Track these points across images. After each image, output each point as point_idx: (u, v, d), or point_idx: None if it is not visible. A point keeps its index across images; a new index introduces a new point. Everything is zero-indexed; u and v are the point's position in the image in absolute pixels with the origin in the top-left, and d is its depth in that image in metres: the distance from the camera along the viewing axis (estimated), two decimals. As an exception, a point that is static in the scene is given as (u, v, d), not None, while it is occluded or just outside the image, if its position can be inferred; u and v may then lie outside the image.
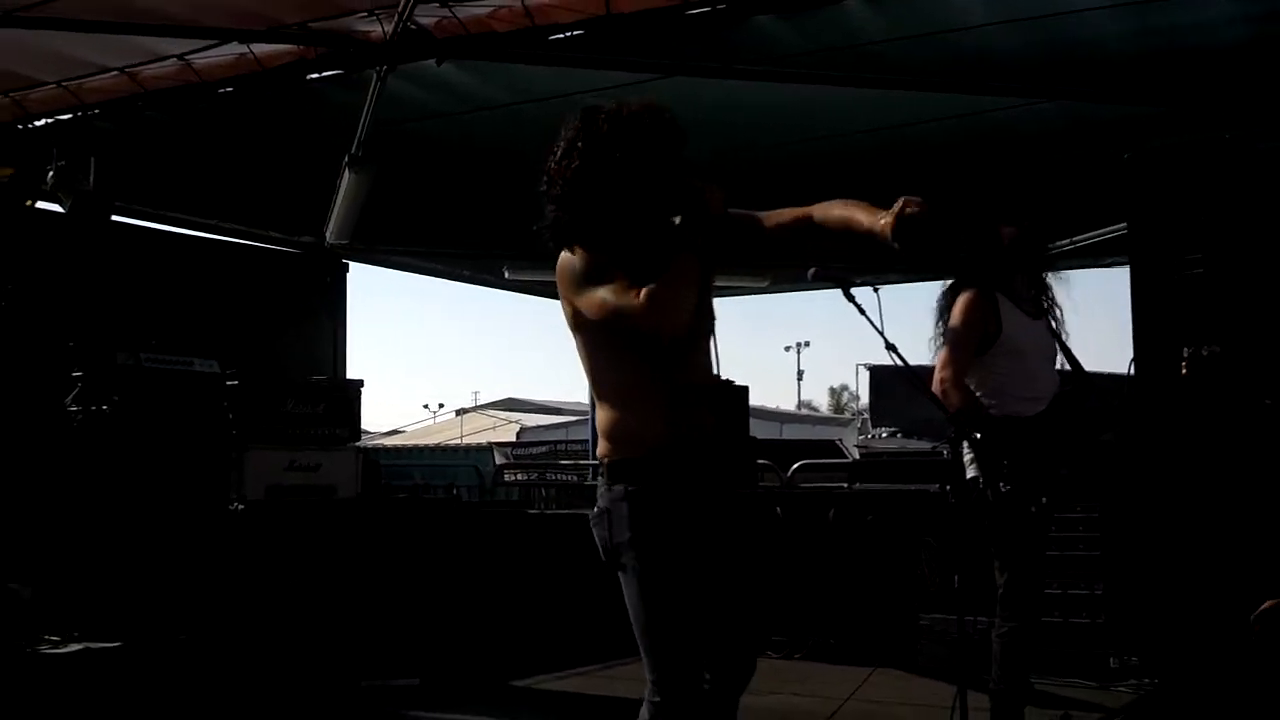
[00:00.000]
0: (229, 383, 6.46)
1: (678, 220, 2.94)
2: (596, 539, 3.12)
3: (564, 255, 3.05)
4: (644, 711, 3.03)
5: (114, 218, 7.17)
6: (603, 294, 2.94)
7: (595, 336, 3.06)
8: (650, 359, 3.00)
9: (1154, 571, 5.79)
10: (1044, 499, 4.28)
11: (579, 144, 3.02)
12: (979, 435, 4.27)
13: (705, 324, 3.18)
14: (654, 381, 3.04)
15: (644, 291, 2.86)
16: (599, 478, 3.15)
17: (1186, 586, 5.54)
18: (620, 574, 3.07)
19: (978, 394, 4.46)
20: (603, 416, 3.12)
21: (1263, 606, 3.15)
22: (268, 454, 6.38)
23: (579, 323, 3.07)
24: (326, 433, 6.69)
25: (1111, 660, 6.09)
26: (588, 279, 2.98)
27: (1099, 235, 8.83)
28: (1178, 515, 5.64)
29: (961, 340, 4.47)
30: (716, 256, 3.18)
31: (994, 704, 4.34)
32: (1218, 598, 5.27)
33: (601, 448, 3.12)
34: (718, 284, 3.38)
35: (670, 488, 3.01)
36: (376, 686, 6.09)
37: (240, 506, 6.16)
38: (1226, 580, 5.29)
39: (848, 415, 44.05)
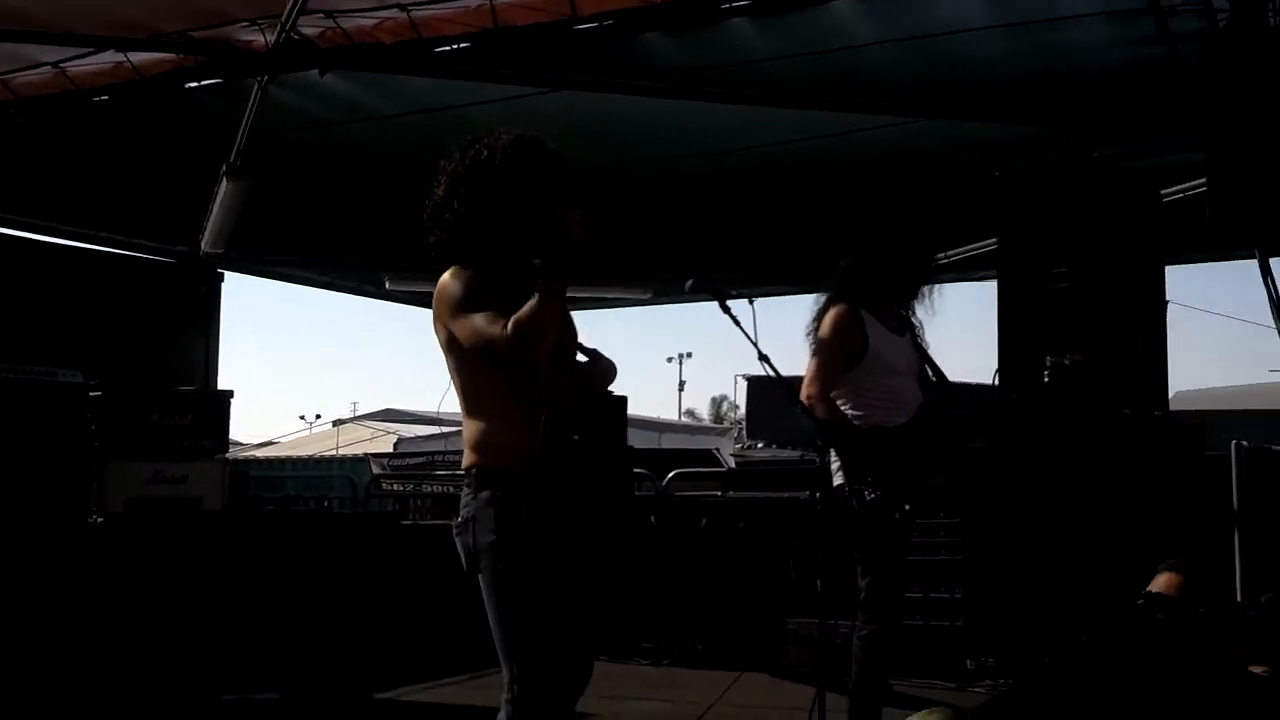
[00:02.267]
0: (92, 394, 6.34)
1: (538, 262, 3.10)
2: (460, 547, 3.26)
3: (443, 279, 3.23)
4: (503, 712, 3.15)
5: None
6: (475, 322, 3.13)
7: (466, 357, 3.23)
8: (517, 379, 3.18)
9: (1011, 576, 5.99)
10: (907, 507, 4.44)
11: (460, 173, 3.25)
12: (844, 445, 4.42)
13: (568, 344, 3.39)
14: (521, 399, 3.20)
15: (510, 322, 3.04)
16: (464, 488, 3.29)
17: (1042, 590, 5.74)
18: (481, 577, 3.20)
19: (845, 406, 4.62)
20: (471, 428, 3.28)
21: (1156, 586, 3.31)
22: (130, 466, 6.26)
23: (452, 344, 3.24)
24: (193, 444, 6.57)
25: (969, 662, 6.28)
26: (464, 305, 3.16)
27: (970, 250, 9.09)
28: (1035, 521, 5.83)
29: (828, 355, 4.62)
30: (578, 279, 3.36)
31: (852, 705, 4.46)
32: (1072, 601, 5.48)
33: (468, 458, 3.27)
34: (602, 295, 3.69)
35: (534, 496, 3.14)
36: (237, 700, 6.01)
37: (100, 519, 6.04)
38: (1081, 584, 5.50)
39: (727, 425, 44.43)
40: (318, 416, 43.04)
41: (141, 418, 6.41)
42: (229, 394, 7.13)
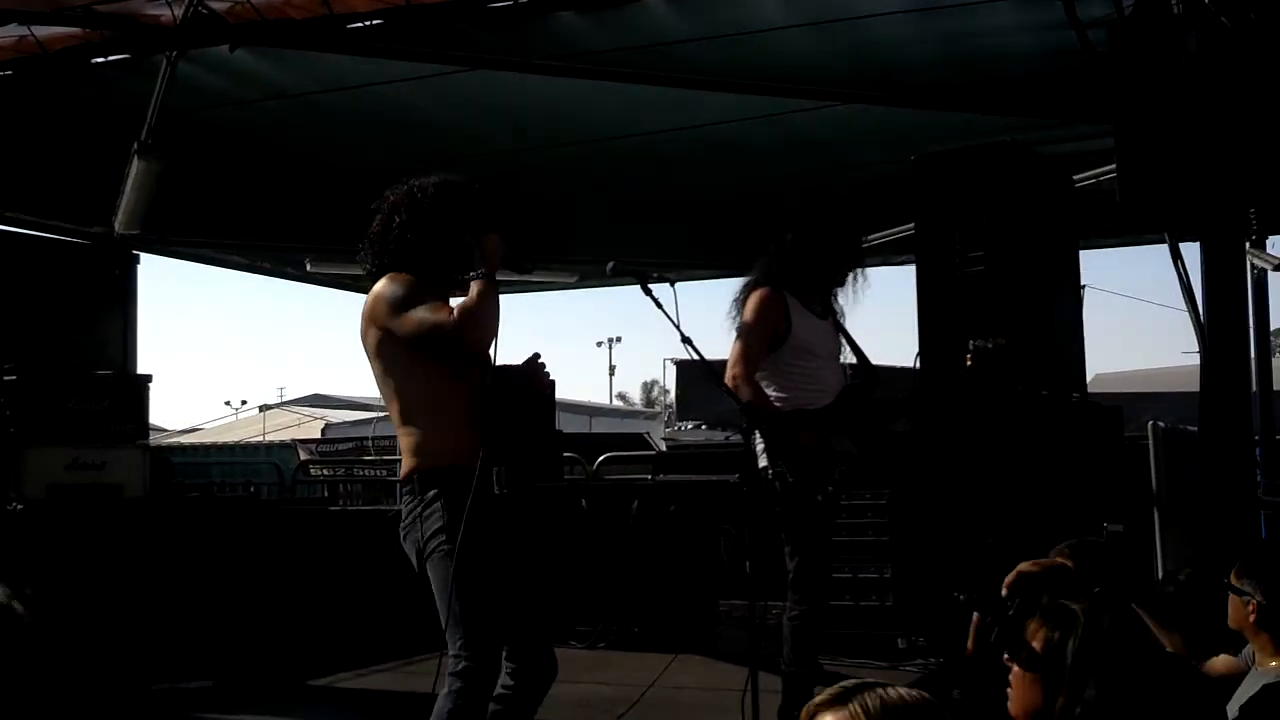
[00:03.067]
0: (6, 378, 6.17)
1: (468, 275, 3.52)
2: (408, 548, 3.50)
3: (378, 287, 3.56)
4: (451, 682, 3.36)
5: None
6: (420, 313, 3.43)
7: (404, 357, 3.50)
8: (456, 375, 3.47)
9: (939, 554, 6.04)
10: (830, 487, 4.44)
11: (397, 205, 3.66)
12: (767, 428, 4.42)
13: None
14: (459, 396, 3.47)
15: (455, 309, 3.41)
16: (406, 494, 3.54)
17: (969, 568, 5.78)
18: (429, 565, 3.44)
19: (768, 388, 4.61)
20: (410, 435, 3.52)
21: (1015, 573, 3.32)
22: (48, 451, 6.13)
23: (387, 348, 3.52)
24: (112, 429, 6.46)
25: (900, 641, 6.33)
26: (405, 302, 3.45)
27: (889, 235, 9.15)
28: (959, 502, 5.89)
29: (752, 337, 4.62)
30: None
31: (785, 685, 4.48)
32: (997, 580, 5.52)
33: (409, 463, 3.52)
34: (526, 279, 4.11)
35: (478, 488, 3.37)
36: (167, 690, 5.91)
37: (19, 506, 5.89)
38: (1006, 562, 5.55)
39: (657, 408, 44.55)
40: (243, 402, 42.61)
41: (58, 403, 6.31)
42: (147, 378, 7.00)
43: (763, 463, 4.52)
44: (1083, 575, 3.29)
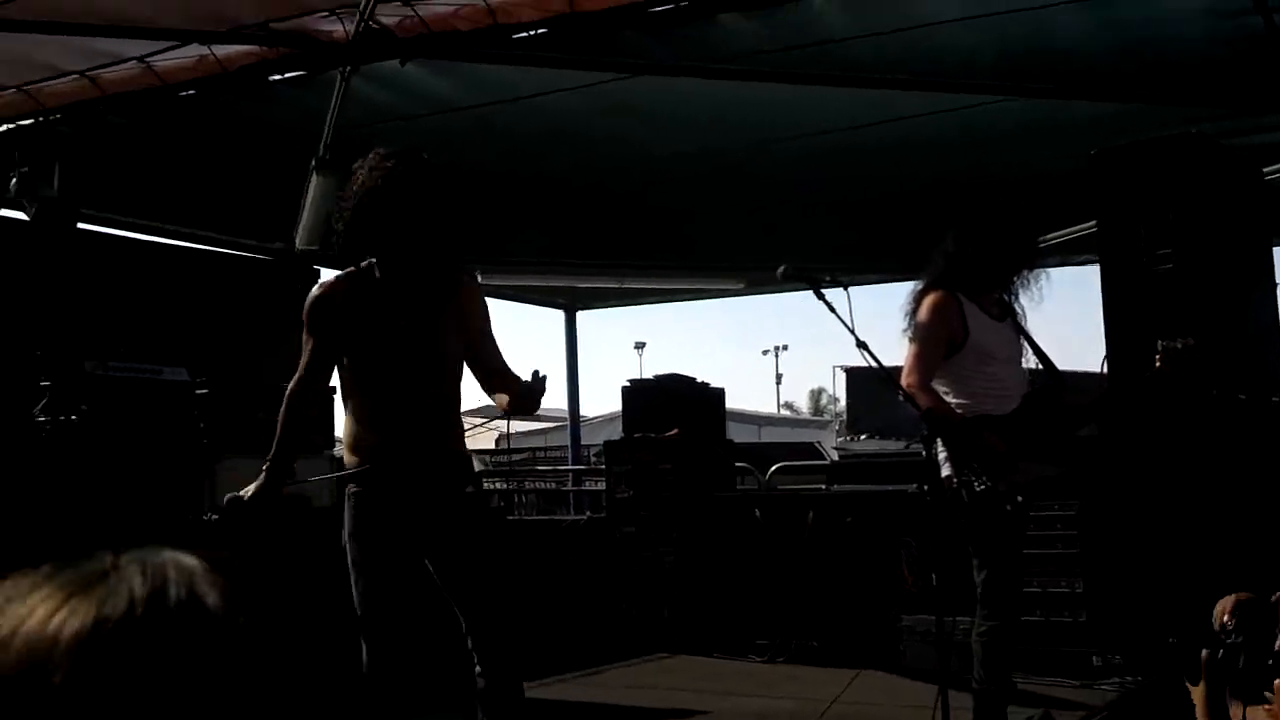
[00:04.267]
0: (199, 391, 6.37)
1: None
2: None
3: (324, 285, 3.91)
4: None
5: (80, 225, 7.06)
6: (305, 355, 3.94)
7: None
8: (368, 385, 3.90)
9: (1134, 568, 5.76)
10: (1019, 497, 4.24)
11: (363, 186, 3.76)
12: (950, 435, 4.25)
13: (431, 361, 3.88)
14: (371, 401, 3.89)
15: (292, 389, 3.99)
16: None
17: (1167, 582, 5.50)
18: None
19: (948, 395, 4.44)
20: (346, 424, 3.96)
21: (1224, 605, 3.07)
22: (241, 463, 6.28)
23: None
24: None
25: (1094, 658, 6.04)
26: (309, 329, 3.91)
27: (1069, 234, 8.82)
28: (1156, 510, 5.61)
29: (927, 343, 4.47)
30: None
31: (977, 703, 4.30)
32: (1199, 592, 5.22)
33: (347, 457, 3.91)
34: (693, 287, 4.60)
35: (385, 491, 3.74)
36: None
37: (214, 517, 6.06)
38: (1207, 575, 5.25)
39: (826, 417, 44.09)
40: (420, 413, 43.70)
41: (247, 415, 6.44)
42: (332, 390, 7.12)
43: (946, 471, 4.34)
44: None
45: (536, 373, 3.78)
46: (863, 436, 12.25)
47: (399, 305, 3.79)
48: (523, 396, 3.79)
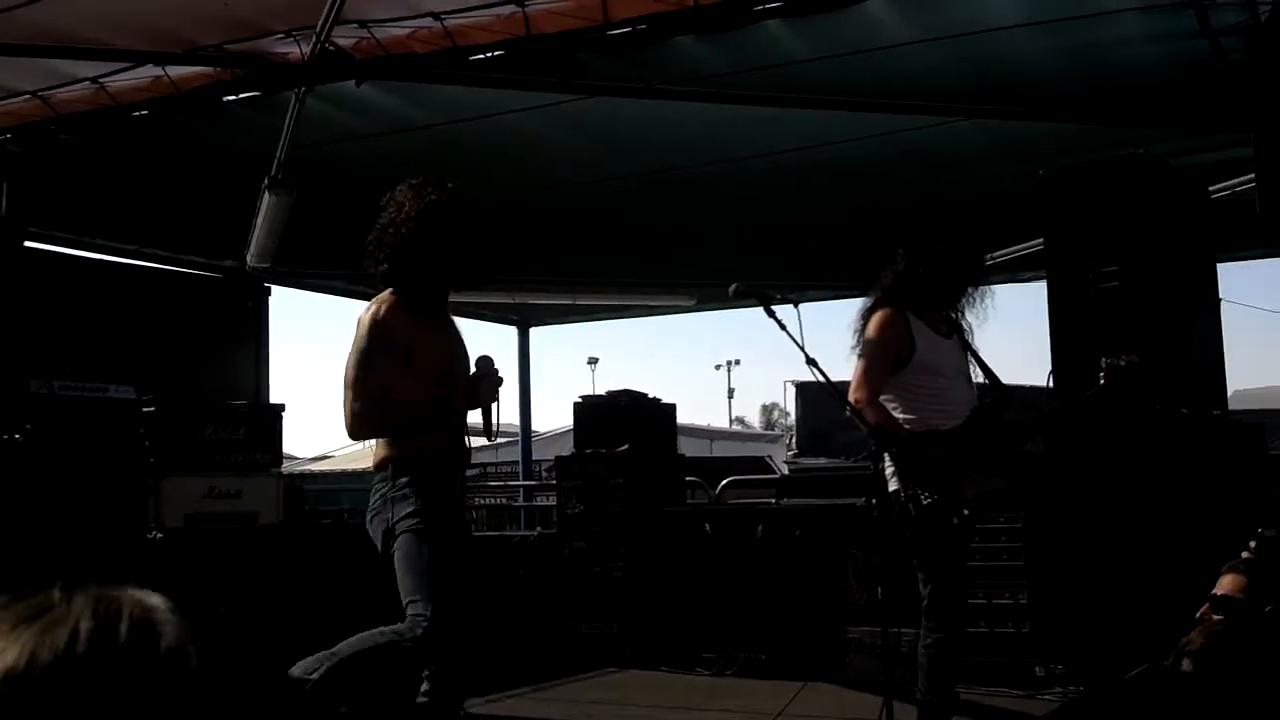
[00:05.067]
0: (145, 409, 6.34)
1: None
2: (376, 531, 4.05)
3: (374, 303, 4.14)
4: (410, 629, 3.86)
5: (27, 243, 7.02)
6: (360, 372, 4.09)
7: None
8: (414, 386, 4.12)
9: (1077, 579, 5.86)
10: (965, 511, 4.33)
11: (411, 214, 4.15)
12: (897, 450, 4.33)
13: (462, 368, 4.34)
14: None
15: (354, 412, 4.07)
16: (379, 481, 4.08)
17: (1109, 594, 5.61)
18: (396, 545, 3.96)
19: (895, 410, 4.52)
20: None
21: (1221, 589, 3.17)
22: (186, 481, 6.27)
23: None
24: (247, 459, 6.59)
25: (1037, 669, 6.13)
26: (366, 353, 4.07)
27: (1016, 251, 8.97)
28: (1099, 523, 5.72)
29: (874, 359, 4.55)
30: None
31: (921, 714, 4.37)
32: (1140, 604, 5.34)
33: (382, 454, 4.09)
34: (645, 303, 5.09)
35: (437, 482, 4.07)
36: (300, 714, 5.99)
37: (159, 535, 6.04)
38: (1148, 586, 5.37)
39: (778, 432, 44.22)
40: (371, 430, 43.24)
41: (194, 433, 6.44)
42: (280, 407, 7.15)
43: (893, 486, 4.43)
44: (1256, 589, 3.14)
45: (482, 357, 4.31)
46: (815, 458, 12.31)
47: (445, 321, 4.32)
48: (475, 385, 4.28)
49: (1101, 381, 4.43)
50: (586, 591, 7.62)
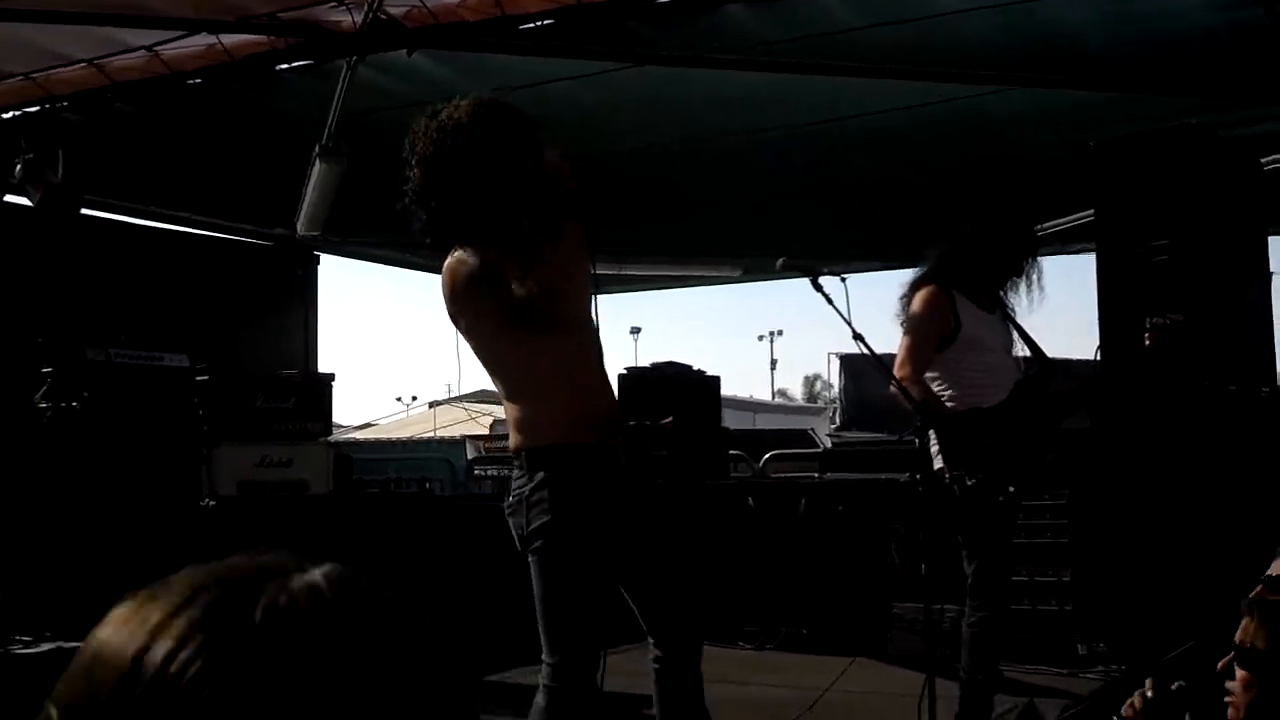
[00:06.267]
0: (199, 378, 6.42)
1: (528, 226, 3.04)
2: (513, 527, 3.27)
3: (450, 264, 3.14)
4: (539, 697, 3.16)
5: (83, 211, 7.12)
6: (501, 292, 3.03)
7: (499, 337, 3.16)
8: (555, 349, 3.13)
9: (1121, 557, 5.83)
10: (1011, 488, 4.31)
11: (430, 153, 3.15)
12: (942, 427, 4.32)
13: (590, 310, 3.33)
14: (560, 372, 3.16)
15: (530, 279, 2.97)
16: (515, 468, 3.28)
17: (1154, 572, 5.58)
18: (532, 558, 3.21)
19: (940, 386, 4.51)
20: (514, 410, 3.24)
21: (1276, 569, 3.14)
22: (239, 449, 6.35)
23: (478, 328, 3.19)
24: (297, 427, 6.67)
25: (1080, 647, 6.11)
26: (484, 279, 3.06)
27: (1066, 222, 8.88)
28: (1144, 501, 5.68)
29: (919, 336, 4.53)
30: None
31: (963, 692, 4.36)
32: (1185, 582, 5.31)
33: (515, 440, 3.24)
34: (690, 273, 3.79)
35: (586, 473, 3.15)
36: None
37: (212, 503, 6.13)
38: (1193, 565, 5.33)
39: (821, 404, 44.10)
40: (414, 398, 43.58)
41: (246, 402, 6.51)
42: (330, 377, 7.21)
43: (938, 464, 4.42)
44: None
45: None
46: (859, 432, 12.30)
47: None
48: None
49: (1147, 342, 4.37)
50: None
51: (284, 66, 6.50)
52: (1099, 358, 5.70)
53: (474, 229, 3.11)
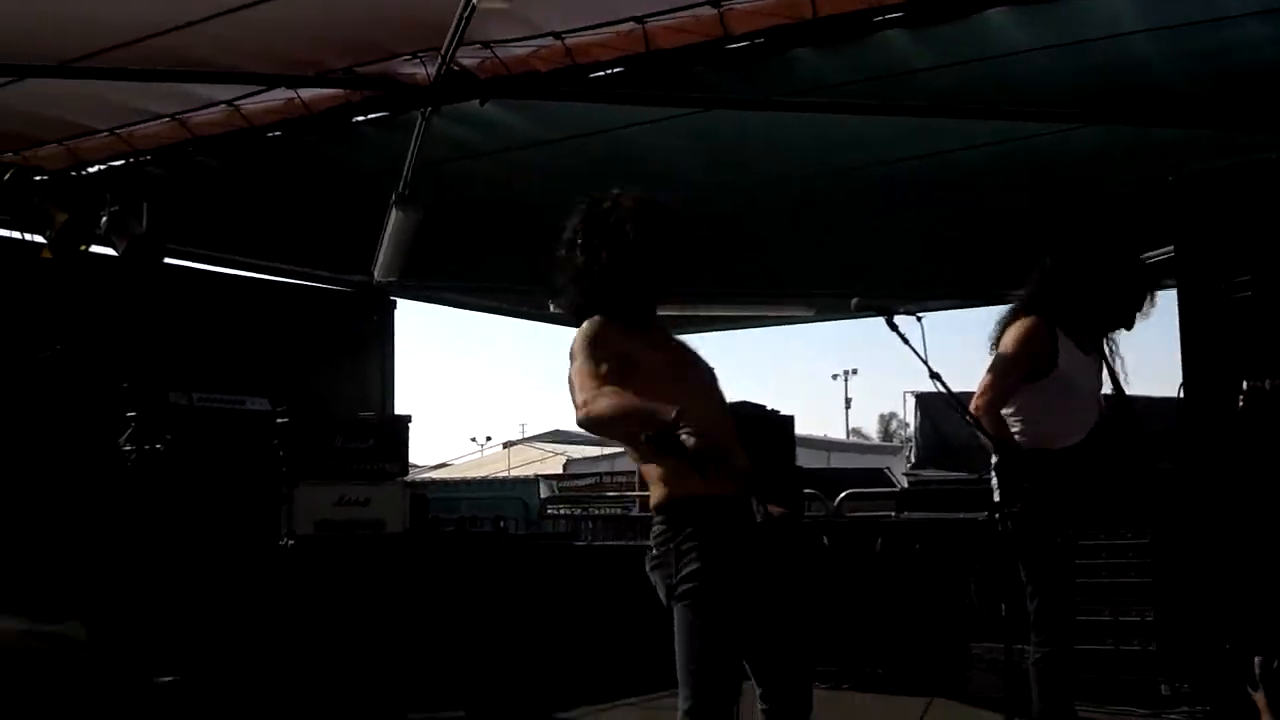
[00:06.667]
0: (279, 420, 6.54)
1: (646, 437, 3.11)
2: (658, 581, 3.31)
3: (581, 330, 3.37)
4: None
5: (167, 260, 7.29)
6: (576, 380, 3.26)
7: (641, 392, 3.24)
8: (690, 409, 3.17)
9: (1205, 598, 5.72)
10: (1070, 530, 4.23)
11: (594, 236, 3.46)
12: (1001, 464, 4.27)
13: (707, 378, 3.55)
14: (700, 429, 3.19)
15: (585, 406, 3.18)
16: (656, 523, 3.34)
17: (1238, 613, 5.47)
18: (680, 605, 3.24)
19: (1016, 420, 4.45)
20: (656, 467, 3.33)
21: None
22: (317, 489, 6.45)
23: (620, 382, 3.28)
24: (375, 468, 6.76)
25: (1163, 687, 6.00)
26: (586, 355, 3.29)
27: (1146, 259, 8.76)
28: (1229, 540, 5.57)
29: (1009, 366, 4.46)
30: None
31: (1038, 731, 4.30)
32: (1269, 623, 5.20)
33: (658, 493, 3.32)
34: (764, 314, 3.92)
35: (727, 524, 3.25)
36: (424, 718, 6.12)
37: (290, 542, 6.23)
38: (1277, 606, 5.22)
39: (896, 443, 43.71)
40: (488, 438, 43.89)
41: (325, 443, 6.63)
42: (407, 418, 7.32)
43: (997, 498, 4.37)
44: None
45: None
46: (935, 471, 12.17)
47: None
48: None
49: (1241, 403, 4.28)
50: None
51: (360, 119, 6.63)
52: (1181, 394, 5.61)
53: (613, 306, 3.40)
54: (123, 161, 7.36)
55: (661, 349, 3.44)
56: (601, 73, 5.99)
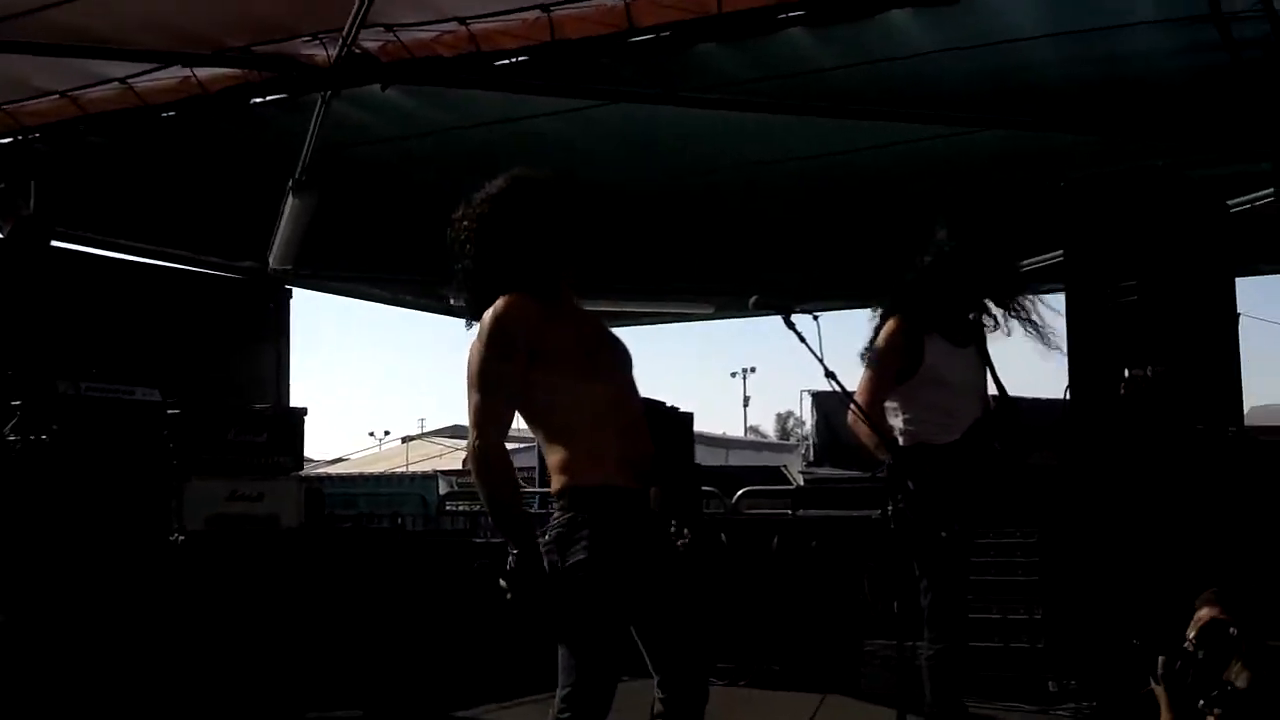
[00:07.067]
0: (170, 411, 6.39)
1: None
2: (544, 562, 3.22)
3: (482, 321, 3.23)
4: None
5: (54, 243, 7.08)
6: (478, 393, 3.17)
7: (538, 392, 3.22)
8: (595, 395, 3.23)
9: (1092, 595, 5.84)
10: (955, 525, 4.29)
11: (473, 231, 3.32)
12: (888, 463, 4.31)
13: (619, 359, 3.44)
14: (594, 417, 3.24)
15: (475, 444, 3.14)
16: (555, 509, 3.28)
17: (1124, 610, 5.59)
18: (563, 592, 3.19)
19: (895, 418, 4.50)
20: (552, 454, 3.29)
21: (1199, 618, 3.17)
22: (209, 483, 6.30)
23: (527, 369, 3.21)
24: (269, 461, 6.63)
25: (1051, 684, 6.12)
26: (486, 359, 3.18)
27: (1035, 263, 8.95)
28: (1113, 539, 5.70)
29: (880, 367, 4.51)
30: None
31: (929, 728, 4.34)
32: (1155, 620, 5.33)
33: (558, 481, 3.27)
34: (663, 310, 3.76)
35: (624, 513, 3.23)
36: (321, 718, 6.02)
37: (181, 538, 6.08)
38: (1163, 602, 5.35)
39: (793, 441, 44.12)
40: (386, 433, 43.39)
41: (218, 435, 6.48)
42: (303, 411, 7.20)
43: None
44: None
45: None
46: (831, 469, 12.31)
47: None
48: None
49: (1122, 390, 4.36)
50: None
51: (258, 100, 6.50)
52: (1067, 396, 5.73)
53: (516, 282, 3.25)
54: (10, 139, 7.13)
55: (572, 323, 3.32)
56: (506, 60, 5.94)
